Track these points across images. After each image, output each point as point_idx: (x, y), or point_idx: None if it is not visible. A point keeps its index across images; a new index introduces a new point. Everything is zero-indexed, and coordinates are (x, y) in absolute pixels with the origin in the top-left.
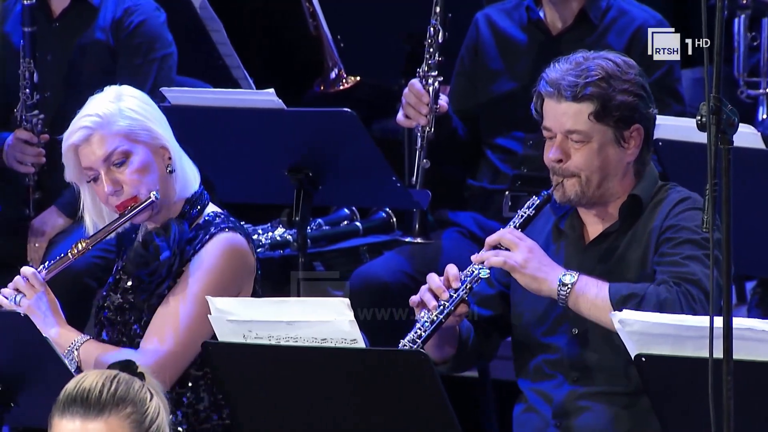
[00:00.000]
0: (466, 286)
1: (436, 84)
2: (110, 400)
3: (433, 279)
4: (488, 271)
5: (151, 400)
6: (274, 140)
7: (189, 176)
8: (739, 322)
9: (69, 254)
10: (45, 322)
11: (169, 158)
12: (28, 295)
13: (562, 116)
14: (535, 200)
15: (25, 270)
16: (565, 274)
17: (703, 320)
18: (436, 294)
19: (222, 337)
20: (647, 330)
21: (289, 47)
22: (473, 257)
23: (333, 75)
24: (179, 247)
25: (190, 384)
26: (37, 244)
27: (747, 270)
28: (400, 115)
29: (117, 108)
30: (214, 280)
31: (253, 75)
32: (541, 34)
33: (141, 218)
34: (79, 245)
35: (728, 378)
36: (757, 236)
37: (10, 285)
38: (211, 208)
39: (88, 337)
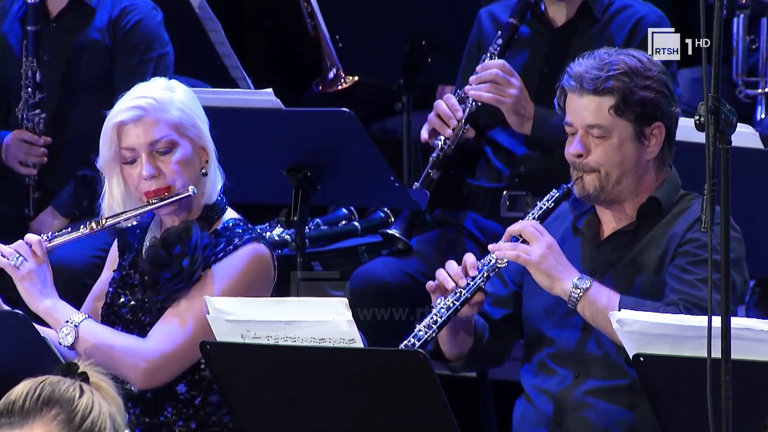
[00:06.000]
0: (483, 274)
1: (473, 106)
2: (33, 405)
3: (451, 266)
4: (505, 260)
5: (81, 396)
6: (272, 140)
7: (216, 183)
8: (737, 322)
9: (81, 230)
10: (42, 291)
11: (206, 161)
12: (30, 261)
13: (584, 110)
14: (554, 193)
15: (30, 237)
16: (579, 278)
17: (701, 320)
18: (453, 279)
19: (220, 336)
20: (646, 330)
21: (287, 47)
22: (491, 246)
23: (331, 75)
24: (201, 254)
25: (200, 385)
26: None
27: None
28: (424, 131)
29: (171, 97)
30: (234, 289)
31: (252, 75)
32: (544, 27)
33: (166, 210)
34: (94, 224)
35: (727, 378)
36: (755, 236)
37: (13, 245)
38: (230, 213)
39: (87, 316)
